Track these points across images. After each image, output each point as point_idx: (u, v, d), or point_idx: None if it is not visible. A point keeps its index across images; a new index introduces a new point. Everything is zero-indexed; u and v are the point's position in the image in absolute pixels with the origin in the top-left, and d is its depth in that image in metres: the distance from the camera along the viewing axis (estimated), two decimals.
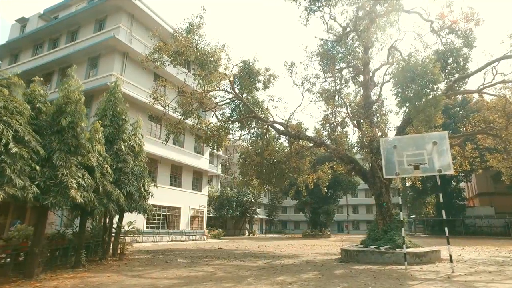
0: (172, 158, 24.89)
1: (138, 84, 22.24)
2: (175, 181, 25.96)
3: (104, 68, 21.45)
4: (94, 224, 11.53)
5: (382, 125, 14.63)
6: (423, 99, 11.26)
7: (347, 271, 8.93)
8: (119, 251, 11.50)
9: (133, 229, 12.15)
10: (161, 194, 23.41)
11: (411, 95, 11.59)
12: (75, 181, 7.11)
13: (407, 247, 11.35)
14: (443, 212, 8.92)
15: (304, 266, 9.97)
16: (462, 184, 44.06)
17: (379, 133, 13.92)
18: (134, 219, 12.21)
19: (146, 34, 21.97)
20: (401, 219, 9.68)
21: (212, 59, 13.57)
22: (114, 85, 11.44)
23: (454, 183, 41.39)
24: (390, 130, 15.03)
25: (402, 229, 9.35)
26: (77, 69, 22.74)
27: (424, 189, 36.93)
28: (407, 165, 9.04)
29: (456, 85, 14.05)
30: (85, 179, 7.50)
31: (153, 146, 22.87)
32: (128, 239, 12.43)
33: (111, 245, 11.60)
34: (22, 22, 28.12)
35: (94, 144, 8.74)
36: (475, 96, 22.26)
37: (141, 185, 11.49)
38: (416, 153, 9.00)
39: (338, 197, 42.38)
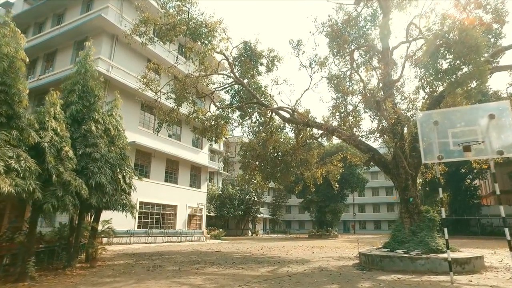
0: (167, 151, 22.84)
1: (129, 70, 20.27)
2: (170, 176, 23.90)
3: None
4: (60, 223, 9.51)
5: (408, 104, 12.50)
6: (463, 71, 9.21)
7: (375, 284, 6.87)
8: (92, 256, 9.51)
9: (108, 229, 10.10)
10: (155, 191, 21.49)
11: (446, 66, 9.52)
12: (3, 164, 5.09)
13: (442, 252, 9.29)
14: (501, 207, 6.81)
15: (318, 276, 7.91)
16: (475, 182, 41.59)
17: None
18: (110, 217, 10.15)
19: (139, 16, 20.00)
20: (443, 216, 7.58)
21: (205, 29, 11.53)
22: (86, 55, 9.41)
23: (469, 180, 39.04)
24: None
25: (445, 229, 7.23)
26: (63, 54, 21.32)
27: (436, 186, 34.56)
28: (453, 146, 6.94)
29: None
30: (22, 162, 5.48)
31: (145, 138, 20.95)
32: (104, 240, 10.38)
33: (84, 249, 9.64)
34: (6, 6, 26.30)
35: (48, 119, 6.75)
36: (492, 88, 20.24)
37: (120, 177, 9.51)
38: (466, 131, 6.89)
39: (346, 195, 40.20)
